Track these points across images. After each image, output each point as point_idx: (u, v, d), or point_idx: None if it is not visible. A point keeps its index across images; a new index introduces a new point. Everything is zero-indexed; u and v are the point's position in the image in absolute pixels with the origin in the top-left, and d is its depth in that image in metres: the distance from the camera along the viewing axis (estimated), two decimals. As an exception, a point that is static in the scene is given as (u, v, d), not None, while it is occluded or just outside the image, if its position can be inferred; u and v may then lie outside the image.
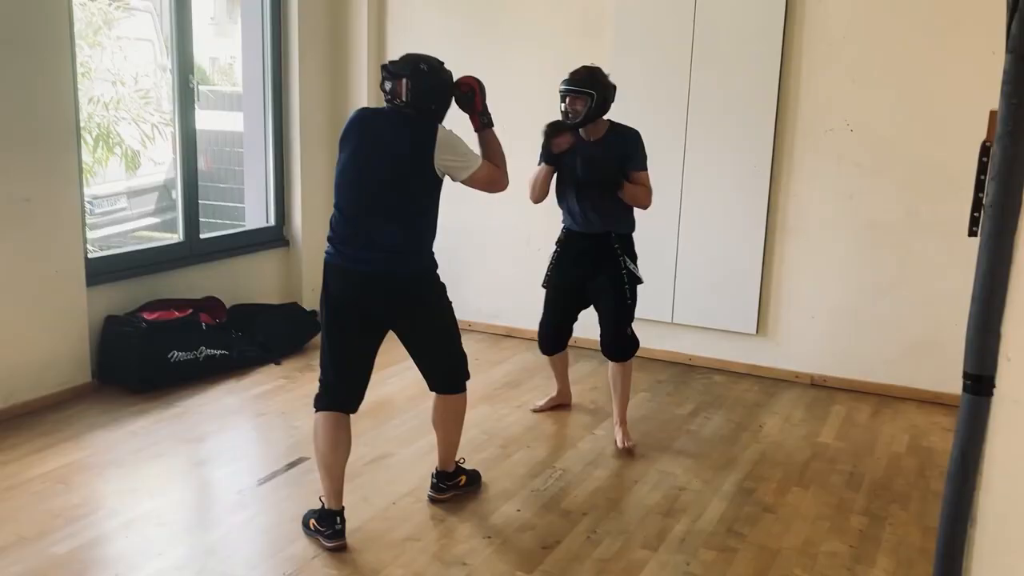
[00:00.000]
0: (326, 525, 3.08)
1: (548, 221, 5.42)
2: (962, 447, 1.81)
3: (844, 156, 4.71)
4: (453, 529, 3.24)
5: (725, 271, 4.98)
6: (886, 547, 3.21)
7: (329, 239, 3.10)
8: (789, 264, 4.94)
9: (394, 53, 5.72)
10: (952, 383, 1.80)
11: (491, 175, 3.15)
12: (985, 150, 1.79)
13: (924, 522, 3.36)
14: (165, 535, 3.15)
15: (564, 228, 4.07)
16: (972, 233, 1.90)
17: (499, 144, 3.23)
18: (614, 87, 3.82)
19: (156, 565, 2.95)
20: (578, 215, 3.94)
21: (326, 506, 3.10)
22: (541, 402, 4.48)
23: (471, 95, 3.17)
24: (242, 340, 4.93)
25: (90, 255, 4.58)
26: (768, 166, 4.82)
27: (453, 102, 3.17)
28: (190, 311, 4.76)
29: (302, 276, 5.72)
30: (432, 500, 3.43)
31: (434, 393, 3.36)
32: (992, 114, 1.73)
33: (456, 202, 5.56)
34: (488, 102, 3.21)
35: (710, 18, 4.84)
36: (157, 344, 4.48)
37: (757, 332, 5.03)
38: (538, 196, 3.97)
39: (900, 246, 4.68)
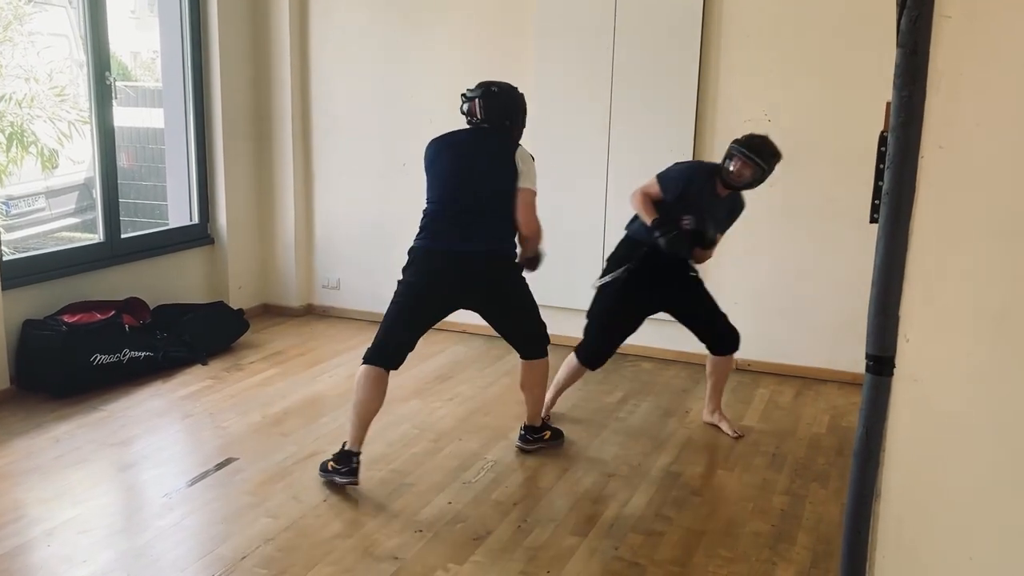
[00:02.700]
0: (343, 463, 3.42)
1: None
2: (866, 425, 1.88)
3: (763, 146, 4.82)
4: (384, 524, 3.24)
5: (651, 260, 5.06)
6: (806, 525, 3.32)
7: (424, 229, 3.53)
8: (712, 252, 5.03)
9: (317, 45, 5.68)
10: (869, 365, 1.88)
11: (534, 203, 3.51)
12: (883, 140, 1.85)
13: (842, 499, 3.45)
14: (90, 542, 3.09)
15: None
16: (873, 220, 1.96)
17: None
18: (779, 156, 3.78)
19: (81, 572, 2.89)
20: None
21: (347, 447, 3.44)
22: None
23: (536, 259, 3.67)
24: (167, 341, 4.84)
25: (5, 257, 4.46)
26: (689, 156, 4.90)
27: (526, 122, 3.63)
28: (112, 313, 4.66)
29: (228, 274, 5.64)
30: (521, 450, 3.86)
31: (521, 360, 3.78)
32: (888, 105, 1.79)
33: (393, 194, 5.58)
34: (410, 91, 3.22)
35: (631, 10, 4.91)
36: (79, 347, 4.38)
37: (684, 319, 5.11)
38: None
39: (818, 232, 4.82)
